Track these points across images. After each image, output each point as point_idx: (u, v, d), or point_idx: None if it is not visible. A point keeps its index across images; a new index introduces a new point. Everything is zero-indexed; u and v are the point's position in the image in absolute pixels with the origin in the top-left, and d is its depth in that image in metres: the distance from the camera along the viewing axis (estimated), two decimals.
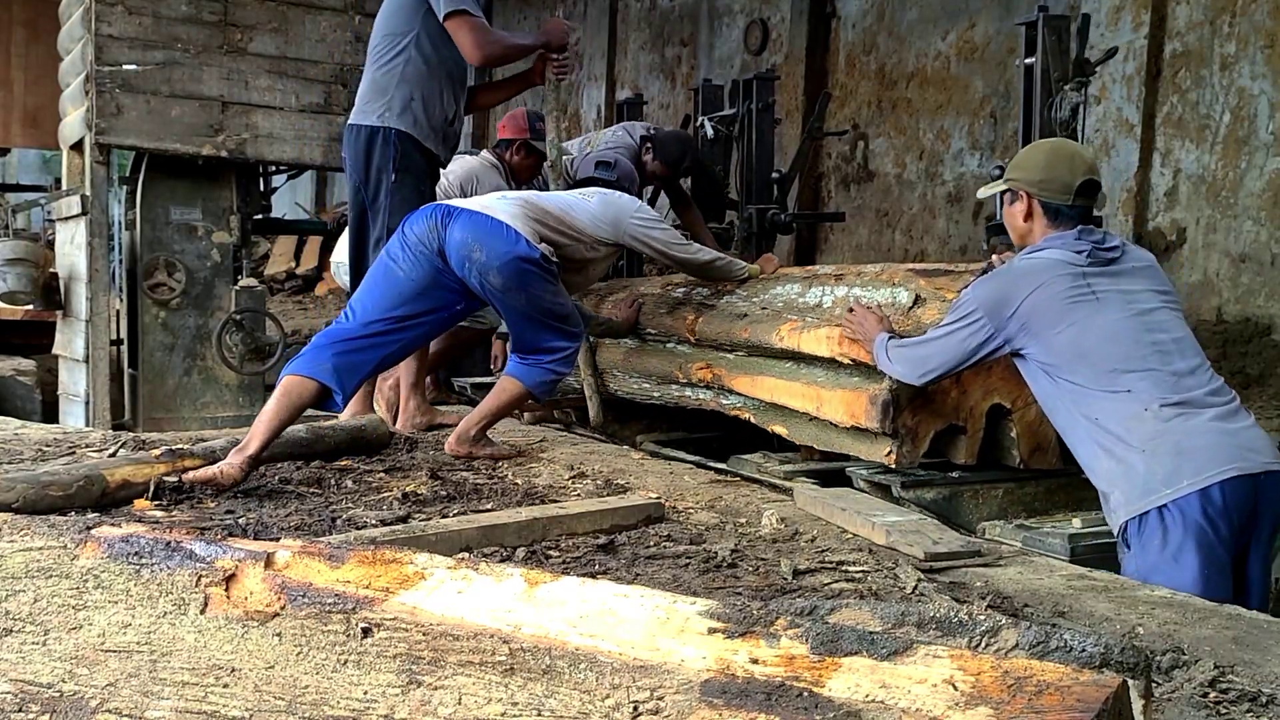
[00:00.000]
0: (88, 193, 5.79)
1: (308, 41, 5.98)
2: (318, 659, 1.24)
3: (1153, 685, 1.37)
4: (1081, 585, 2.32)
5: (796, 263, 8.72)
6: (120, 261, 6.66)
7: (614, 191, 4.05)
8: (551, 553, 2.44)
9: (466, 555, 2.20)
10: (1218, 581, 2.51)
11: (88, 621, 1.36)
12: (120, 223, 6.83)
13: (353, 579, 1.29)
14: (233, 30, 5.88)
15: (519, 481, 3.18)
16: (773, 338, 3.61)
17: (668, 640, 1.12)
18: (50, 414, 6.44)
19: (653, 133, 5.67)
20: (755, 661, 1.08)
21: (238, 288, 5.91)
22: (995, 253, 3.30)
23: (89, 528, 1.45)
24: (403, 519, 2.63)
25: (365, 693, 1.21)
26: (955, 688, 1.00)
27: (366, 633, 1.23)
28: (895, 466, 3.18)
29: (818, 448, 3.52)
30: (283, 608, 1.28)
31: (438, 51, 4.06)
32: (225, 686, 1.27)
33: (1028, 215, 2.91)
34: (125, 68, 5.65)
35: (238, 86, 5.88)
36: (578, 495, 3.00)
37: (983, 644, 1.19)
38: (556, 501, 2.87)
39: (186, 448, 3.04)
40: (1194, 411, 2.62)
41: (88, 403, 5.79)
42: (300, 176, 7.34)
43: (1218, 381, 2.73)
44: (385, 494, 2.95)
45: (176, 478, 2.85)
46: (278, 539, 1.56)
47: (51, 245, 7.21)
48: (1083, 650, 1.16)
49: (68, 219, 6.21)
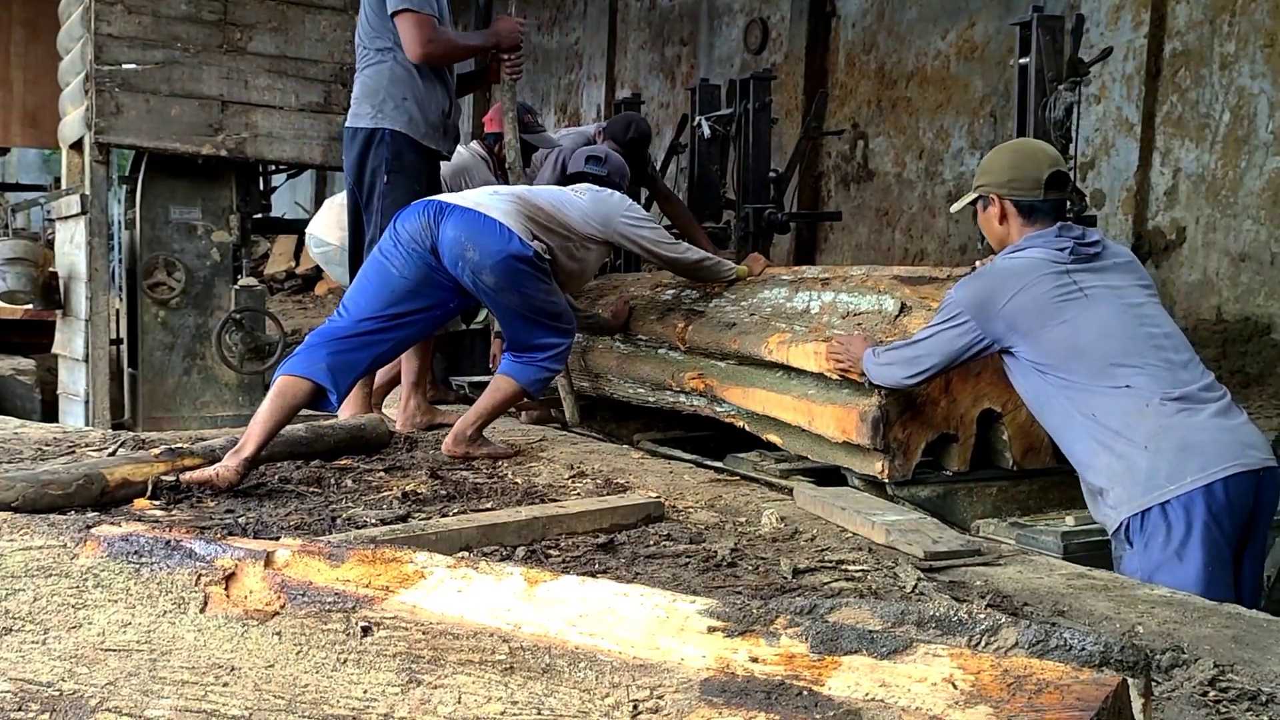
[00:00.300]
0: (87, 192, 5.79)
1: (307, 41, 5.98)
2: (317, 658, 1.24)
3: (1152, 684, 1.37)
4: (1081, 584, 2.32)
5: (796, 261, 8.73)
6: (120, 261, 6.67)
7: (605, 189, 4.06)
8: (551, 552, 2.44)
9: (466, 554, 2.20)
10: (1221, 578, 2.51)
11: (87, 620, 1.36)
12: (120, 222, 6.84)
13: (352, 578, 1.29)
14: (232, 29, 5.88)
15: (519, 481, 3.18)
16: (761, 350, 3.61)
17: (667, 639, 1.12)
18: (50, 413, 6.44)
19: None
20: (755, 660, 1.08)
21: (237, 287, 5.91)
22: (980, 260, 3.31)
23: (89, 527, 1.45)
24: (402, 518, 2.63)
25: (365, 691, 1.21)
26: (955, 686, 1.00)
27: (366, 631, 1.23)
28: (888, 480, 3.19)
29: (813, 459, 3.53)
30: (282, 606, 1.28)
31: None
32: (225, 685, 1.27)
33: (1002, 218, 2.91)
34: (125, 67, 5.65)
35: (237, 86, 5.88)
36: (577, 494, 3.00)
37: (982, 643, 1.19)
38: (556, 501, 2.87)
39: (186, 447, 3.04)
40: (1195, 407, 2.62)
41: (87, 402, 5.79)
42: (300, 176, 7.34)
43: (1209, 376, 2.73)
44: (385, 493, 2.95)
45: (175, 477, 2.85)
46: (277, 538, 1.56)
47: (51, 244, 7.21)
48: (1082, 649, 1.16)
49: (67, 218, 6.21)
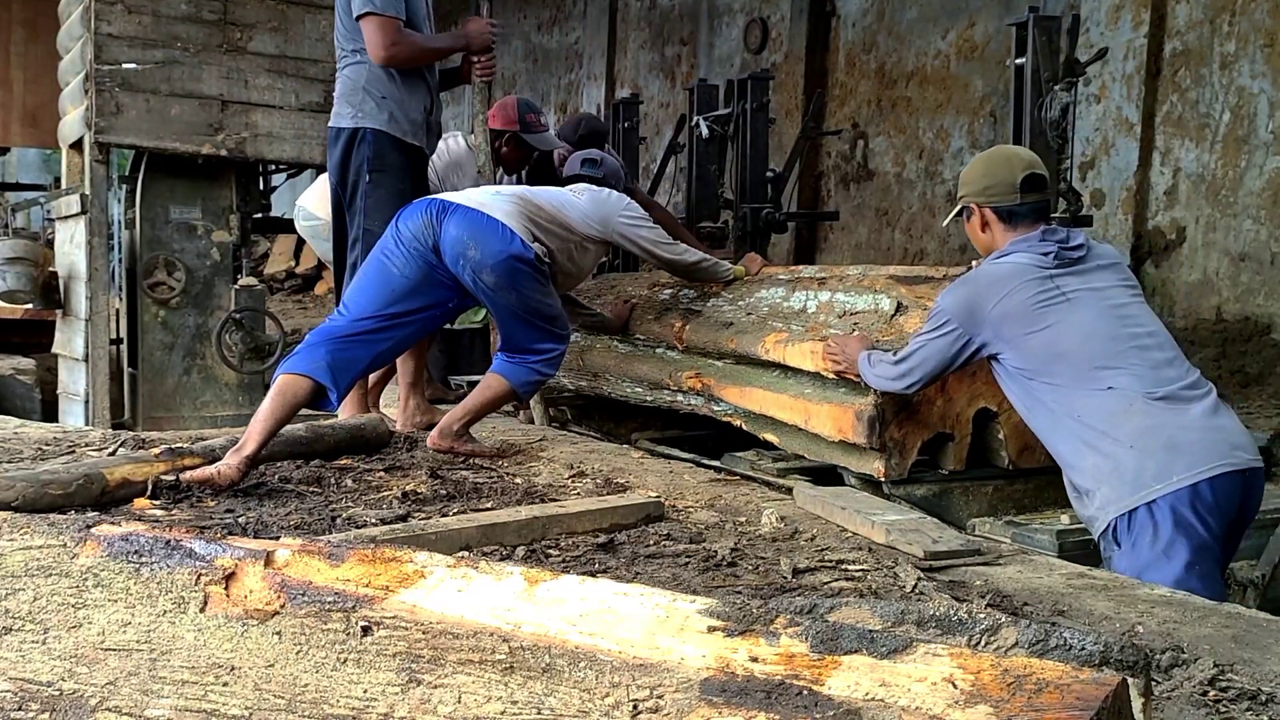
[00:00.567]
0: (87, 192, 5.80)
1: (307, 40, 5.99)
2: (317, 657, 1.24)
3: (1152, 683, 1.37)
4: (1081, 584, 2.32)
5: (796, 261, 8.73)
6: (120, 260, 6.67)
7: (604, 189, 4.06)
8: (551, 551, 2.44)
9: (466, 554, 2.20)
10: (1211, 576, 2.52)
11: (87, 620, 1.36)
12: (120, 222, 6.84)
13: (352, 577, 1.29)
14: (232, 29, 5.88)
15: (519, 480, 3.18)
16: (759, 349, 3.62)
17: (667, 639, 1.12)
18: (50, 413, 6.44)
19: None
20: (755, 660, 1.08)
21: (237, 287, 5.91)
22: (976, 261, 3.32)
23: (89, 526, 1.45)
24: (402, 518, 2.63)
25: (365, 691, 1.21)
26: (955, 686, 1.00)
27: (366, 631, 1.23)
28: (884, 479, 3.19)
29: (809, 458, 3.53)
30: (282, 606, 1.28)
31: None
32: (225, 685, 1.27)
33: (984, 225, 2.93)
34: (125, 66, 5.65)
35: (237, 85, 5.88)
36: (577, 494, 3.00)
37: (982, 642, 1.19)
38: (556, 500, 2.87)
39: (186, 446, 3.04)
40: (1180, 406, 2.62)
41: (87, 402, 5.79)
42: (300, 175, 7.34)
43: (1195, 374, 2.74)
44: (385, 493, 2.95)
45: (175, 477, 2.85)
46: (277, 537, 1.56)
47: (51, 244, 7.21)
48: (1082, 649, 1.16)
49: (67, 218, 6.21)
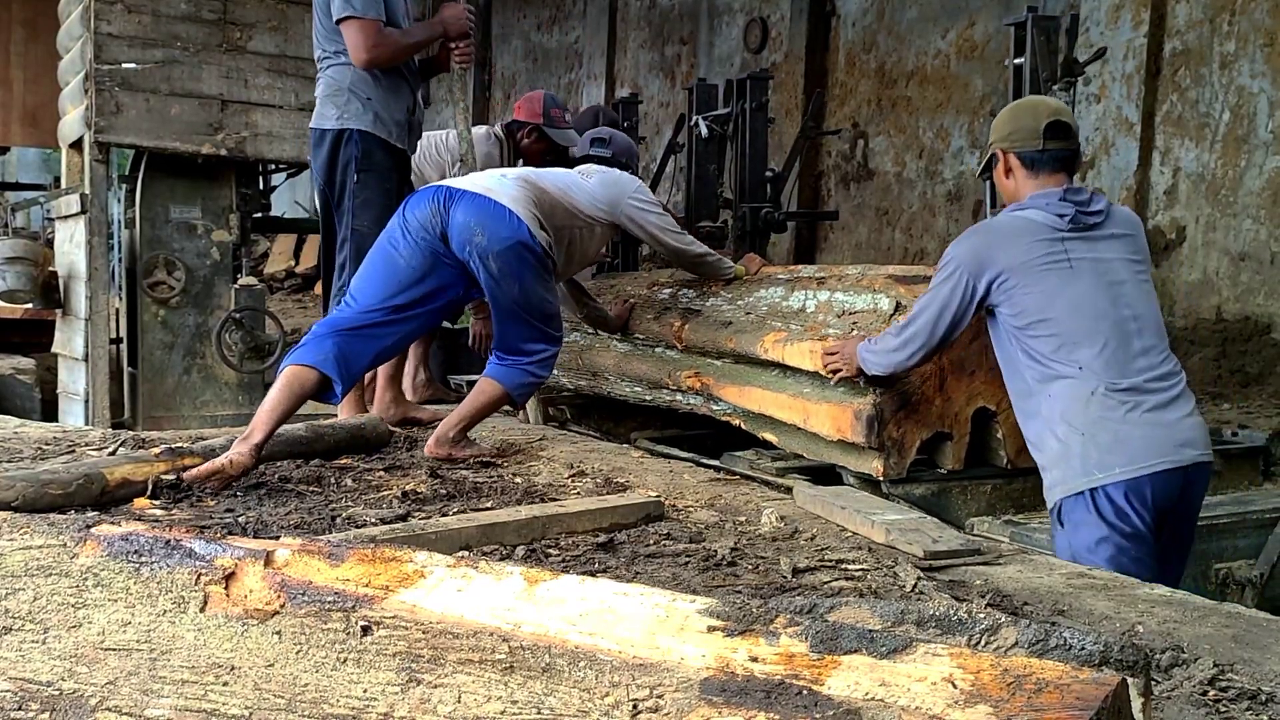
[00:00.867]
0: (87, 191, 5.80)
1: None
2: (317, 657, 1.24)
3: (1152, 683, 1.37)
4: (1081, 584, 2.32)
5: (796, 260, 8.73)
6: (120, 260, 6.67)
7: (615, 171, 4.05)
8: (551, 551, 2.44)
9: (466, 553, 2.20)
10: (1140, 564, 2.62)
11: (87, 620, 1.36)
12: (120, 221, 6.84)
13: (352, 577, 1.29)
14: (232, 29, 5.88)
15: (518, 480, 3.18)
16: (758, 349, 3.62)
17: (667, 638, 1.12)
18: (49, 413, 6.44)
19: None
20: (755, 660, 1.08)
21: (237, 286, 5.91)
22: None
23: (88, 526, 1.45)
24: (402, 517, 2.63)
25: (365, 691, 1.21)
26: (955, 686, 1.00)
27: (366, 631, 1.23)
28: (883, 479, 3.19)
29: (808, 457, 3.53)
30: (282, 606, 1.28)
31: None
32: (225, 685, 1.27)
33: (1008, 171, 2.94)
34: (124, 66, 5.65)
35: (237, 85, 5.88)
36: (577, 493, 3.00)
37: (982, 642, 1.19)
38: (556, 500, 2.87)
39: (186, 446, 3.04)
40: (1137, 399, 2.69)
41: (87, 401, 5.79)
42: (300, 175, 7.34)
43: (1170, 364, 2.78)
44: (385, 492, 2.95)
45: (176, 476, 2.85)
46: (277, 537, 1.56)
47: (51, 244, 7.22)
48: (1082, 648, 1.16)
49: (67, 217, 6.21)
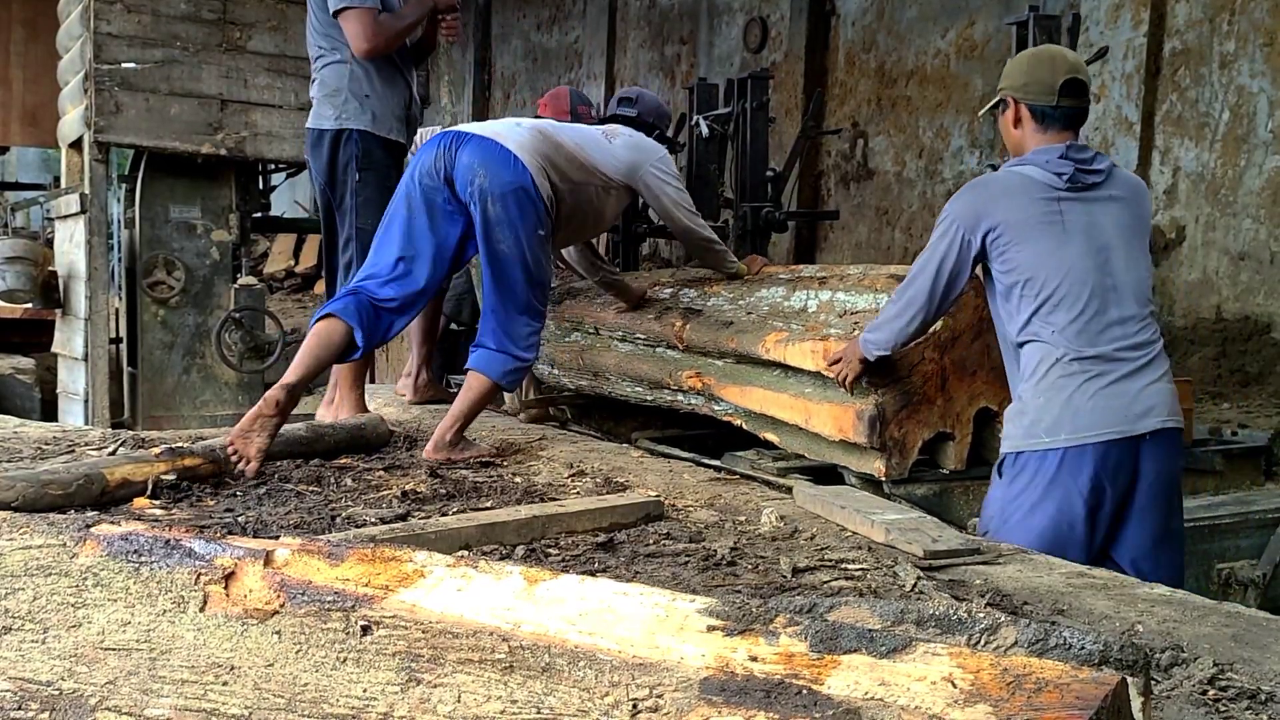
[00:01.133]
0: (87, 191, 5.80)
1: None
2: (317, 657, 1.24)
3: (1152, 683, 1.37)
4: (1081, 583, 2.32)
5: (796, 260, 8.73)
6: (119, 260, 6.67)
7: (643, 136, 4.00)
8: (551, 551, 2.44)
9: (466, 553, 2.20)
10: (1070, 536, 2.68)
11: (87, 619, 1.36)
12: (119, 221, 6.84)
13: (352, 577, 1.29)
14: (231, 28, 5.88)
15: (518, 479, 3.18)
16: (759, 349, 3.62)
17: (667, 638, 1.12)
18: (49, 412, 6.45)
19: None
20: (754, 659, 1.08)
21: (237, 286, 5.92)
22: None
23: (88, 526, 1.45)
24: (402, 517, 2.63)
25: (365, 690, 1.21)
26: (954, 685, 1.00)
27: (366, 630, 1.23)
28: (884, 479, 3.19)
29: (810, 457, 3.53)
30: (282, 606, 1.28)
31: None
32: (225, 684, 1.27)
33: (1017, 121, 2.92)
34: (124, 66, 5.65)
35: (237, 85, 5.88)
36: (577, 493, 3.00)
37: (982, 642, 1.19)
38: (556, 499, 2.87)
39: (186, 446, 3.04)
40: (1100, 368, 2.72)
41: (87, 401, 5.80)
42: (299, 175, 7.35)
43: (1145, 333, 2.79)
44: (384, 492, 2.95)
45: (175, 476, 2.85)
46: (277, 537, 1.56)
47: (50, 243, 7.22)
48: (1082, 648, 1.16)
49: (67, 217, 6.22)
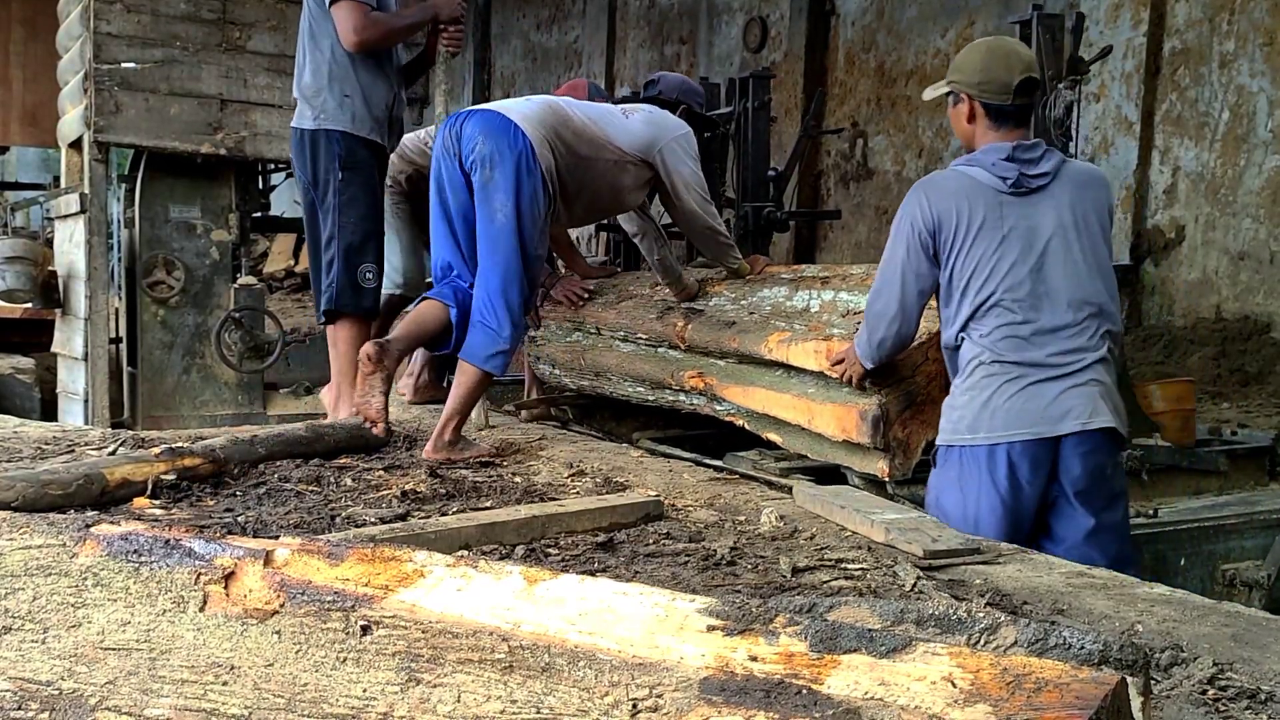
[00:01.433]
0: (86, 191, 5.80)
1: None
2: (317, 657, 1.24)
3: (1151, 682, 1.37)
4: (1080, 583, 2.32)
5: (796, 260, 8.73)
6: (119, 260, 6.67)
7: (665, 112, 3.98)
8: (550, 550, 2.44)
9: (465, 553, 2.20)
10: (989, 522, 2.80)
11: (87, 619, 1.36)
12: (119, 221, 6.84)
13: (352, 577, 1.29)
14: (231, 28, 5.88)
15: (518, 479, 3.18)
16: (761, 348, 3.61)
17: (667, 638, 1.12)
18: (49, 412, 6.45)
19: None
20: (754, 659, 1.08)
21: (236, 286, 5.92)
22: None
23: (88, 526, 1.45)
24: (402, 517, 2.63)
25: (364, 690, 1.21)
26: (954, 685, 1.00)
27: (366, 630, 1.23)
28: (888, 479, 3.19)
29: (812, 458, 3.53)
30: (282, 605, 1.28)
31: None
32: (224, 684, 1.27)
33: (970, 117, 2.95)
34: (124, 66, 5.65)
35: (236, 84, 5.88)
36: (577, 493, 3.00)
37: (982, 641, 1.19)
38: (555, 499, 2.87)
39: (186, 446, 3.04)
40: (1019, 372, 2.80)
41: (86, 401, 5.80)
42: None
43: (1080, 339, 2.83)
44: (384, 492, 2.95)
45: (175, 476, 2.85)
46: (277, 537, 1.56)
47: (50, 243, 7.22)
48: (1082, 648, 1.16)
49: (66, 217, 6.22)
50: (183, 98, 5.77)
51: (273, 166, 6.42)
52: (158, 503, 2.73)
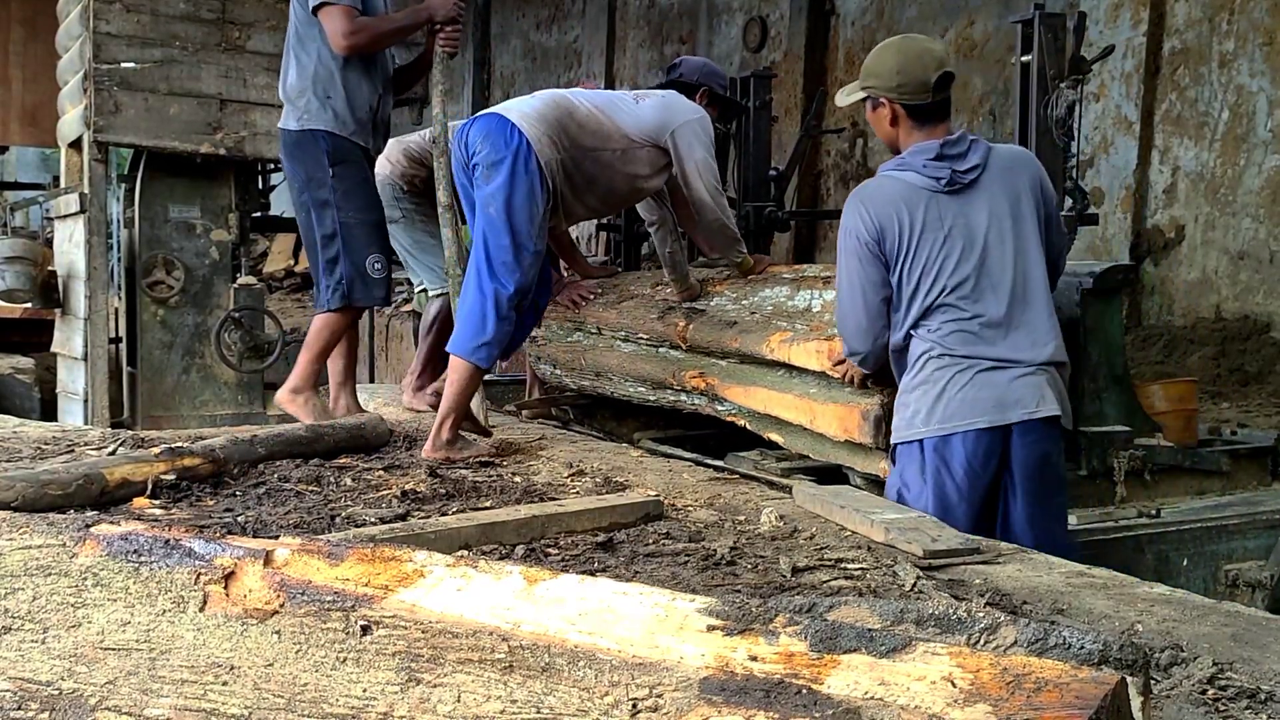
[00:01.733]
0: (86, 190, 5.80)
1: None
2: (317, 657, 1.24)
3: (1151, 682, 1.37)
4: (1080, 582, 2.32)
5: (796, 260, 8.73)
6: (119, 259, 6.67)
7: (680, 96, 3.94)
8: (550, 550, 2.44)
9: (465, 553, 2.20)
10: (953, 517, 2.79)
11: (87, 619, 1.36)
12: (119, 221, 6.84)
13: (352, 577, 1.29)
14: (230, 28, 5.88)
15: (518, 479, 3.18)
16: (763, 348, 3.61)
17: (667, 638, 1.12)
18: (49, 412, 6.45)
19: None
20: (754, 659, 1.08)
21: (236, 286, 5.92)
22: None
23: (88, 526, 1.45)
24: (402, 517, 2.63)
25: (364, 690, 1.21)
26: (954, 685, 1.00)
27: (365, 630, 1.23)
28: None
29: (814, 458, 3.53)
30: (282, 605, 1.28)
31: None
32: (224, 684, 1.27)
33: (893, 120, 2.96)
34: (123, 65, 5.65)
35: (236, 84, 5.88)
36: (576, 493, 3.00)
37: (981, 641, 1.19)
38: (555, 499, 2.87)
39: (186, 446, 3.03)
40: (968, 364, 2.83)
41: (86, 401, 5.80)
42: None
43: (1033, 335, 2.85)
44: (384, 492, 2.95)
45: (176, 476, 2.85)
46: (277, 537, 1.56)
47: (50, 243, 7.21)
48: (1081, 647, 1.16)
49: (66, 217, 6.22)
50: (182, 97, 5.77)
51: (272, 166, 6.42)
52: (157, 503, 2.73)
